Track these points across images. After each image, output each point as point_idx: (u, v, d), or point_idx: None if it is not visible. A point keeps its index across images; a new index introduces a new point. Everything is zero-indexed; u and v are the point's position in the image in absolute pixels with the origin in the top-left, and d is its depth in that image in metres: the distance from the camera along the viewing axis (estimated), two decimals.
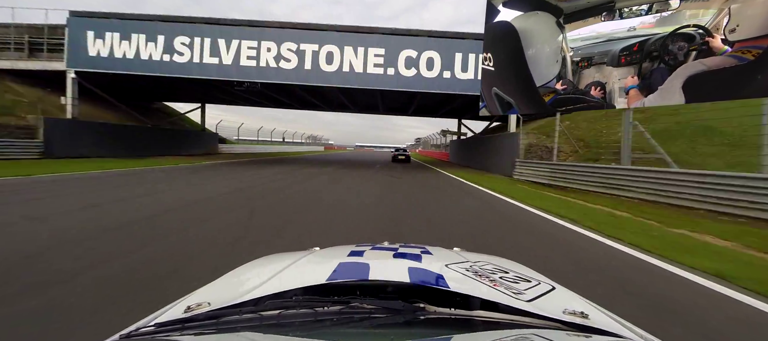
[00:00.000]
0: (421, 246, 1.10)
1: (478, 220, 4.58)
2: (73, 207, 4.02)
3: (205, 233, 3.15)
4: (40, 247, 2.51)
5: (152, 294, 1.79)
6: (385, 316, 0.56)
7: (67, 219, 3.43)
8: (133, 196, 5.04)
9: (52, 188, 5.40)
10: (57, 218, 3.44)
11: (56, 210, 3.83)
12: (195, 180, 7.49)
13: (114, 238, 2.83)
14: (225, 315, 0.58)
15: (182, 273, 2.16)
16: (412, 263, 0.82)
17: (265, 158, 20.28)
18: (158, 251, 2.53)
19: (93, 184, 6.02)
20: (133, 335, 0.56)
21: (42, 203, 4.22)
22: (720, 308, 1.95)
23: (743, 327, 1.77)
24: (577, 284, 1.84)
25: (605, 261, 2.86)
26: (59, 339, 1.40)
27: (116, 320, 1.38)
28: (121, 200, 4.71)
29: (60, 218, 3.48)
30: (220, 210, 4.28)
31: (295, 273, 0.82)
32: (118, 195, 5.05)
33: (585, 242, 3.39)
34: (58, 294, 1.75)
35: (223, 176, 8.35)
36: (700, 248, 3.20)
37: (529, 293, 0.70)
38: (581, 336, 0.54)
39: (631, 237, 3.39)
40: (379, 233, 3.51)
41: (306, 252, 1.06)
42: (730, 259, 2.84)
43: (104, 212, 3.81)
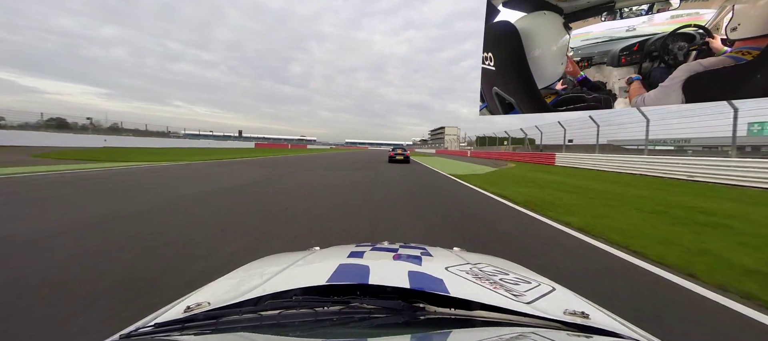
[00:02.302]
0: (420, 247, 1.09)
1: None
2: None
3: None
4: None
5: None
6: (385, 316, 0.56)
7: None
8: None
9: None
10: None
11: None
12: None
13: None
14: (225, 314, 0.57)
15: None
16: (412, 266, 0.82)
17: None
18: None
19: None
20: (133, 335, 0.56)
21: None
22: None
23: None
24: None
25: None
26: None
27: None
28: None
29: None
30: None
31: (294, 274, 0.82)
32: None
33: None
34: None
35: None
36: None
37: (529, 294, 0.70)
38: (582, 336, 0.54)
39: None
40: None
41: (306, 252, 1.06)
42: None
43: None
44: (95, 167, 12.45)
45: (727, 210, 6.32)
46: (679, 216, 5.91)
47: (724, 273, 3.02)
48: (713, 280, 2.87)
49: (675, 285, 2.78)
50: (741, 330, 2.14)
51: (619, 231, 4.70)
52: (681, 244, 4.07)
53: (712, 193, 9.44)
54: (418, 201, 6.95)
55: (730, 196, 8.90)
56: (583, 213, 5.89)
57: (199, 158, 19.71)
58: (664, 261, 3.41)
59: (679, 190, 10.22)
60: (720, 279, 2.89)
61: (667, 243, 4.11)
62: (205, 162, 18.22)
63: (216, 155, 23.87)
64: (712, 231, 4.78)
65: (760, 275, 2.94)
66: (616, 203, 7.25)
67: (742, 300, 2.51)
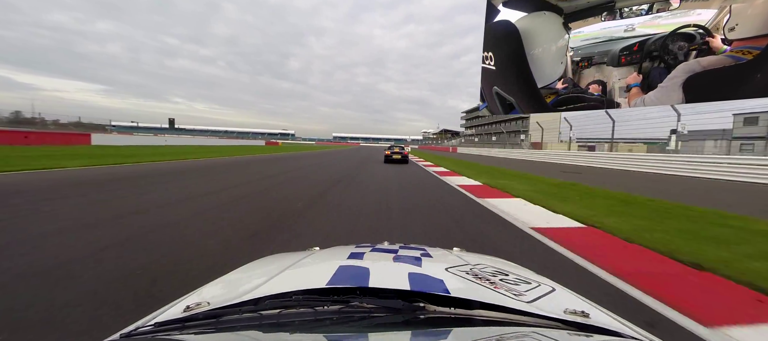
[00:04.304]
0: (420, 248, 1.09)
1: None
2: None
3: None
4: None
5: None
6: (385, 315, 0.56)
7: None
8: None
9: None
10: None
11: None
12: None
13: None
14: (224, 314, 0.57)
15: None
16: (412, 268, 0.82)
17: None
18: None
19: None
20: (133, 334, 0.56)
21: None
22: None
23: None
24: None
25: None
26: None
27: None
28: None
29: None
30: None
31: (294, 276, 0.82)
32: None
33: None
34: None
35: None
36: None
37: (529, 295, 0.70)
38: (582, 335, 0.54)
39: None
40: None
41: (306, 253, 1.06)
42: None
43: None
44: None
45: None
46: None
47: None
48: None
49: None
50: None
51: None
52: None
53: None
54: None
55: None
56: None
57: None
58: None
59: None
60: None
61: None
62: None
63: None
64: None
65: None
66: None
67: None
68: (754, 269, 3.11)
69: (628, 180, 13.32)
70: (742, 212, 6.37)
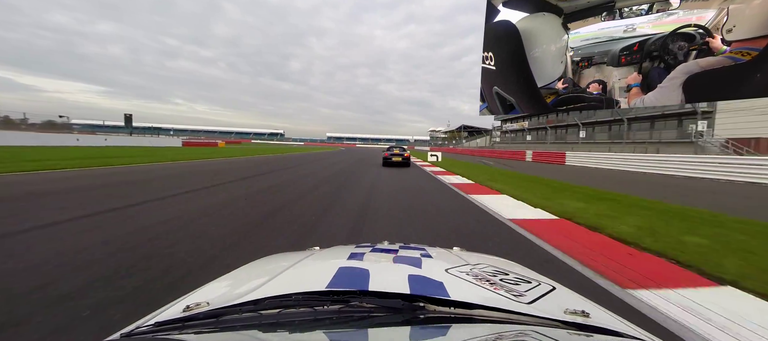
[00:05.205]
0: (420, 248, 1.09)
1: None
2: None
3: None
4: None
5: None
6: (385, 315, 0.56)
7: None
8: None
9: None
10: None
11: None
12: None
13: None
14: (224, 314, 0.57)
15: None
16: (411, 269, 0.81)
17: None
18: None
19: None
20: (133, 334, 0.56)
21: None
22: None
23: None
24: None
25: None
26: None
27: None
28: None
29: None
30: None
31: (294, 277, 0.81)
32: None
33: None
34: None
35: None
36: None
37: (529, 294, 0.70)
38: (582, 334, 0.54)
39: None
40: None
41: (306, 253, 1.06)
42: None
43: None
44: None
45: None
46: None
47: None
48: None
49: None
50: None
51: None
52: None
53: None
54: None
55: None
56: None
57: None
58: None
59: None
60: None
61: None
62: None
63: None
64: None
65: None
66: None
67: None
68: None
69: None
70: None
